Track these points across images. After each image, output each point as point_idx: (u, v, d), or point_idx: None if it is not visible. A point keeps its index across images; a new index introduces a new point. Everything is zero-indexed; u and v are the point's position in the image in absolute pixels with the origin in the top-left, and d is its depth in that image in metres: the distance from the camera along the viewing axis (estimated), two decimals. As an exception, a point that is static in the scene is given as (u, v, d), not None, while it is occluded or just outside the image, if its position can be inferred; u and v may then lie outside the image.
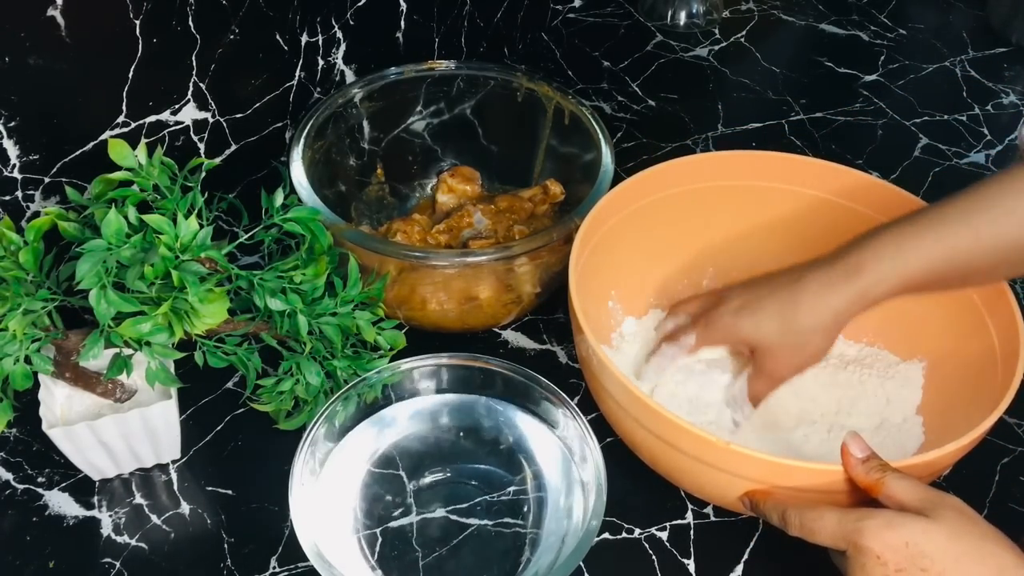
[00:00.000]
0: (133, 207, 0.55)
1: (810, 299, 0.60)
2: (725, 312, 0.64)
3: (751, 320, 0.62)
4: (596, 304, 0.73)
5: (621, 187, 0.70)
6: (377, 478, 0.64)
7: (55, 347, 0.58)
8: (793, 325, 0.60)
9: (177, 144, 0.76)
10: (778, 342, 0.62)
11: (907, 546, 0.49)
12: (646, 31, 1.14)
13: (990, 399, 0.58)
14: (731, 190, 0.75)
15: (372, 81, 0.82)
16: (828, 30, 1.16)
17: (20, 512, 0.65)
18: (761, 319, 0.62)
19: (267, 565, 0.63)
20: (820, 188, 0.74)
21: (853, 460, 0.54)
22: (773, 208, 0.75)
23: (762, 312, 0.62)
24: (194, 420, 0.71)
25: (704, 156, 0.80)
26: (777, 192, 0.75)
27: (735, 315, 0.63)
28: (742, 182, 0.75)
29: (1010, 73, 1.10)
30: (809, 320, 0.60)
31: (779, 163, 0.74)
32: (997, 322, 0.64)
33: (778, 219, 0.75)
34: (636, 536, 0.65)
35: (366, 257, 0.68)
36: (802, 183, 0.74)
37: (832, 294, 0.59)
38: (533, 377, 0.63)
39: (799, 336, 0.61)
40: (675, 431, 0.56)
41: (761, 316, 0.62)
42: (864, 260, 0.58)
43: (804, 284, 0.60)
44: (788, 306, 0.61)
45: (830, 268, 0.60)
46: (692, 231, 0.76)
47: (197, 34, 0.73)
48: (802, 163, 0.75)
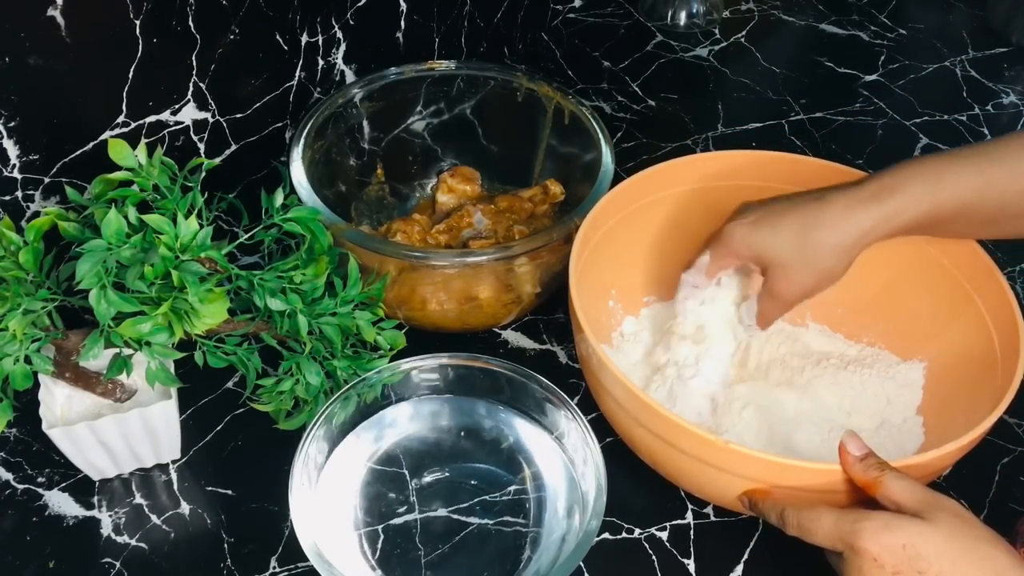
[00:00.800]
0: (133, 207, 0.55)
1: (835, 215, 0.57)
2: (740, 224, 0.60)
3: (768, 231, 0.59)
4: (596, 303, 0.73)
5: (621, 187, 0.70)
6: (377, 478, 0.64)
7: (55, 347, 0.58)
8: (812, 239, 0.58)
9: (177, 144, 0.76)
10: (793, 257, 0.59)
11: (904, 548, 0.49)
12: (646, 31, 1.14)
13: (990, 399, 0.58)
14: (731, 190, 0.75)
15: (372, 81, 0.82)
16: (828, 30, 1.16)
17: (20, 512, 0.65)
18: (779, 231, 0.59)
19: (267, 565, 0.63)
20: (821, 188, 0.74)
21: (851, 458, 0.54)
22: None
23: (781, 225, 0.59)
24: (194, 420, 0.71)
25: (704, 156, 0.80)
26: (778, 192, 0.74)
27: (750, 227, 0.60)
28: (742, 182, 0.74)
29: (1010, 73, 1.10)
30: (830, 236, 0.57)
31: (779, 163, 0.74)
32: (997, 322, 0.64)
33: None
34: (636, 536, 0.65)
35: (366, 257, 0.68)
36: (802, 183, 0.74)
37: (859, 211, 0.57)
38: (533, 377, 0.63)
39: (816, 252, 0.58)
40: (674, 430, 0.56)
41: (780, 228, 0.59)
42: (898, 182, 0.57)
43: (830, 200, 0.58)
44: (810, 220, 0.58)
45: (859, 188, 0.58)
46: (692, 231, 0.76)
47: (197, 34, 0.73)
48: (802, 163, 0.75)
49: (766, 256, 0.60)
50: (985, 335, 0.64)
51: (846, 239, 0.58)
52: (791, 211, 0.59)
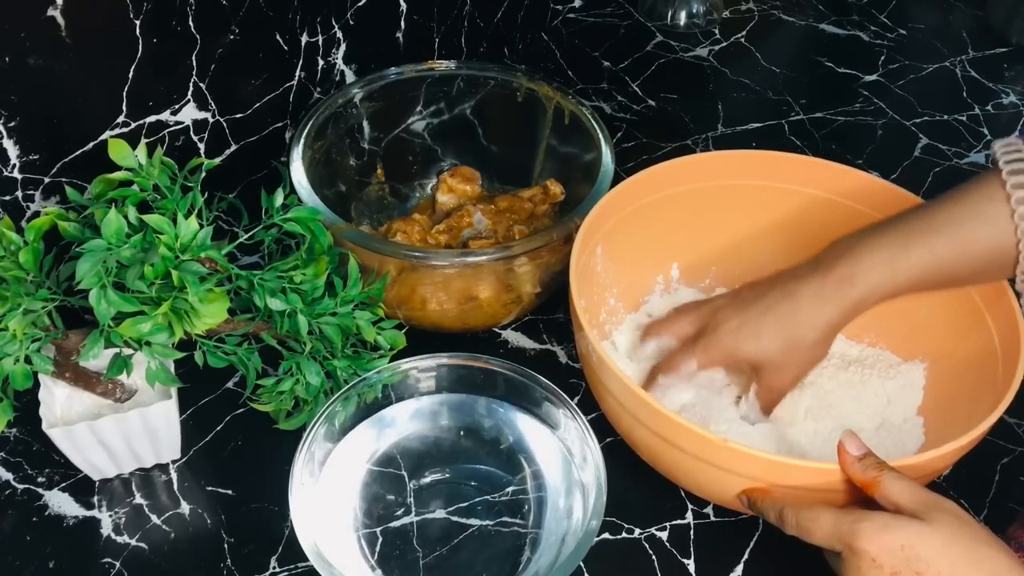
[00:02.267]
0: (133, 207, 0.55)
1: (806, 313, 0.61)
2: (724, 334, 0.64)
3: (753, 340, 0.63)
4: (596, 303, 0.73)
5: (621, 187, 0.70)
6: (377, 478, 0.64)
7: (55, 347, 0.58)
8: (794, 341, 0.62)
9: (177, 144, 0.76)
10: (781, 357, 0.63)
11: (903, 549, 0.49)
12: (646, 31, 1.14)
13: (990, 399, 0.58)
14: (731, 189, 0.75)
15: (372, 81, 0.82)
16: (828, 30, 1.16)
17: (20, 512, 0.65)
18: (762, 338, 0.63)
19: (267, 565, 0.63)
20: (821, 187, 0.74)
21: (849, 458, 0.54)
22: (774, 207, 0.75)
23: (763, 331, 0.63)
24: (194, 420, 0.71)
25: (704, 156, 0.80)
26: (778, 191, 0.75)
27: (735, 336, 0.63)
28: (742, 181, 0.75)
29: (1010, 73, 1.10)
30: (809, 334, 0.62)
31: (779, 162, 0.74)
32: (998, 322, 0.64)
33: (779, 218, 0.75)
34: (636, 536, 0.65)
35: (366, 257, 0.68)
36: (803, 182, 0.74)
37: (827, 306, 0.61)
38: (533, 377, 0.63)
39: (800, 349, 0.62)
40: (673, 428, 0.56)
41: (762, 335, 0.63)
42: (856, 272, 0.60)
43: (798, 299, 0.62)
44: (787, 323, 0.62)
45: (822, 280, 0.61)
46: (692, 231, 0.76)
47: (197, 34, 0.73)
48: (802, 162, 0.75)
49: (755, 360, 0.64)
50: (986, 335, 0.64)
51: (822, 332, 0.62)
52: (767, 315, 0.63)
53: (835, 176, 0.73)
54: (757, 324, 0.63)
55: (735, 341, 0.63)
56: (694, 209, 0.75)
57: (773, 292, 0.63)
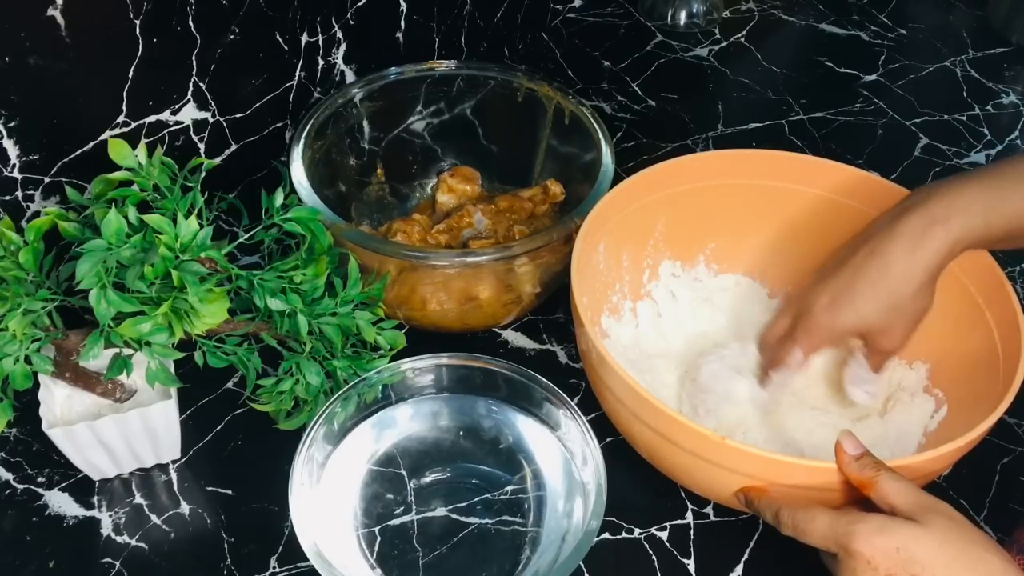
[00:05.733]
0: (133, 207, 0.55)
1: (900, 266, 0.58)
2: (819, 312, 0.61)
3: (850, 311, 0.60)
4: (597, 300, 0.73)
5: (621, 187, 0.70)
6: (377, 477, 0.64)
7: (55, 347, 0.58)
8: (894, 299, 0.59)
9: (177, 144, 0.76)
10: (886, 319, 0.60)
11: (898, 551, 0.49)
12: (646, 31, 1.14)
13: (991, 400, 0.58)
14: (732, 189, 0.75)
15: (372, 81, 0.82)
16: (828, 30, 1.16)
17: (20, 512, 0.65)
18: (859, 305, 0.60)
19: (267, 565, 0.63)
20: (821, 186, 0.74)
21: (847, 457, 0.54)
22: (774, 207, 0.75)
23: (857, 297, 0.60)
24: (194, 420, 0.71)
25: (704, 155, 0.80)
26: (778, 191, 0.75)
27: (830, 311, 0.61)
28: (743, 181, 0.75)
29: (1010, 73, 1.10)
30: (907, 287, 0.59)
31: (780, 162, 0.74)
32: (999, 322, 0.64)
33: (779, 218, 0.75)
34: (636, 536, 0.65)
35: (366, 257, 0.68)
36: (803, 182, 0.74)
37: (921, 253, 0.58)
38: (533, 377, 0.63)
39: (904, 305, 0.59)
40: (672, 425, 0.56)
41: (858, 302, 0.60)
42: (951, 213, 0.57)
43: (886, 254, 0.58)
44: (880, 282, 0.59)
45: (913, 226, 0.58)
46: (692, 230, 0.76)
47: (197, 34, 0.73)
48: (803, 161, 0.75)
49: (860, 329, 0.61)
50: (987, 335, 0.64)
51: (920, 282, 0.59)
52: (857, 279, 0.60)
53: (836, 175, 0.73)
54: (850, 292, 0.60)
55: (832, 318, 0.61)
56: (694, 209, 0.75)
57: (858, 253, 0.60)
